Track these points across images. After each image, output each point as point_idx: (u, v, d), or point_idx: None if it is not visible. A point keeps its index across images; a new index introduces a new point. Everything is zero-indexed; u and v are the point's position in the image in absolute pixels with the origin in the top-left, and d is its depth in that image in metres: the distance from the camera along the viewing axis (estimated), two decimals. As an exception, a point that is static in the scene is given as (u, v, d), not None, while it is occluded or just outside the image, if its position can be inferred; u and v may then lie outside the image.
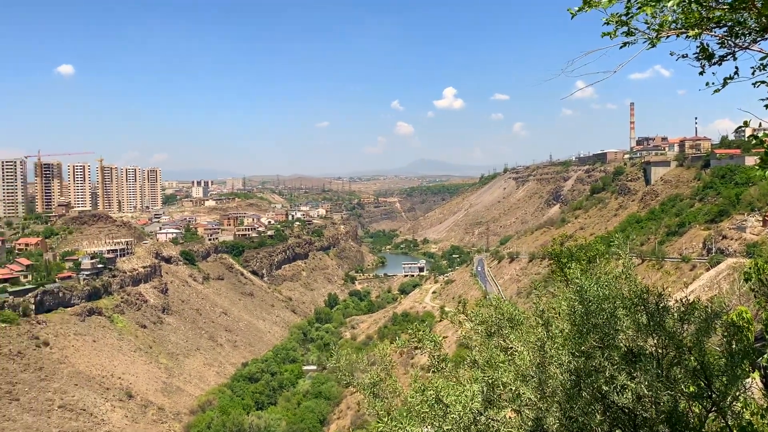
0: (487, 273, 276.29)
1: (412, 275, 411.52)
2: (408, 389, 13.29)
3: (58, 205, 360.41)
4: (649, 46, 9.79)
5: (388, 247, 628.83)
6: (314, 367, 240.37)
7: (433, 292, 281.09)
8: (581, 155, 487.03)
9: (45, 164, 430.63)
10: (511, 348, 13.51)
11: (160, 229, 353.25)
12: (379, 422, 12.07)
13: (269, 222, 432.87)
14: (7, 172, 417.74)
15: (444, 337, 14.88)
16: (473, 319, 14.59)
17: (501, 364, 12.77)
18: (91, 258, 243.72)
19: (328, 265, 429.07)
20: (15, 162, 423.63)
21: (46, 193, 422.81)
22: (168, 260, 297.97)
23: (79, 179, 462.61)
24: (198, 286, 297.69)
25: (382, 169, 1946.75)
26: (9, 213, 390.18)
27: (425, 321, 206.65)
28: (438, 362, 13.80)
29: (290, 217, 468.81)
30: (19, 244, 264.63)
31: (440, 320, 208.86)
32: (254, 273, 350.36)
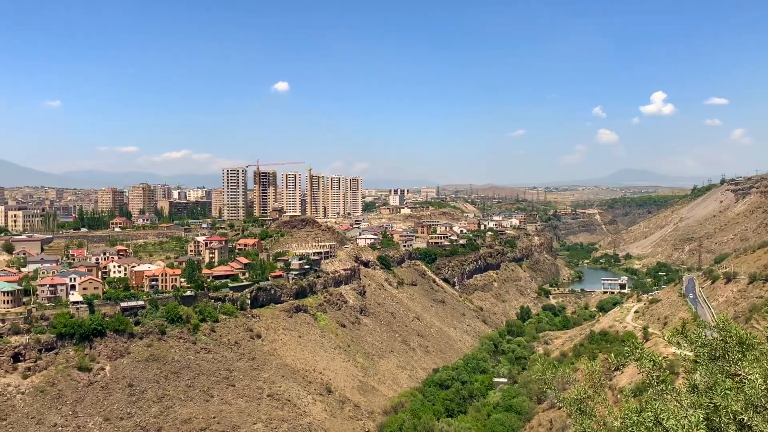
0: (698, 294, 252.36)
1: (612, 292, 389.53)
2: (617, 409, 12.52)
3: (273, 210, 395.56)
4: None
5: (586, 261, 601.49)
6: (505, 380, 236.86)
7: (636, 312, 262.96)
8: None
9: (263, 173, 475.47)
10: (740, 374, 12.13)
11: (360, 234, 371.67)
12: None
13: (461, 231, 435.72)
14: (231, 180, 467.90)
15: (664, 358, 13.72)
16: (695, 340, 13.32)
17: (727, 391, 11.52)
18: (299, 259, 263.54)
19: (521, 277, 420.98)
20: (238, 171, 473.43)
21: (262, 198, 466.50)
22: (366, 264, 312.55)
23: (290, 186, 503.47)
24: (393, 291, 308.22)
25: (581, 179, 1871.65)
26: (232, 216, 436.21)
27: (626, 341, 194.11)
28: (657, 383, 12.77)
29: (482, 227, 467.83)
30: (239, 245, 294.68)
31: (643, 342, 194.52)
32: (446, 281, 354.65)
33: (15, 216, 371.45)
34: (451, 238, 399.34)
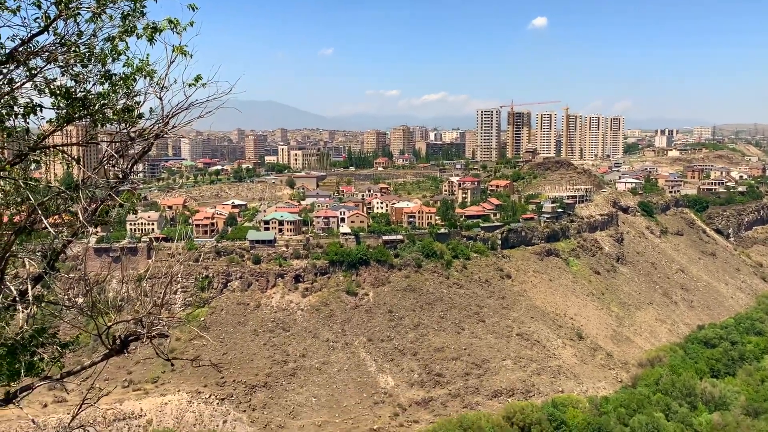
0: None
1: None
2: None
3: (526, 152, 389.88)
4: None
5: None
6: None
7: None
8: None
9: (516, 113, 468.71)
10: None
11: (620, 178, 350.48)
12: None
13: (741, 177, 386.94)
14: (484, 121, 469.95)
15: None
16: None
17: None
18: (552, 202, 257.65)
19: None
20: (492, 111, 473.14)
21: (515, 139, 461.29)
22: (625, 210, 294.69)
23: (545, 127, 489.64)
24: (654, 240, 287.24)
25: None
26: (484, 157, 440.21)
27: None
28: None
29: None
30: (491, 186, 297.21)
31: None
32: (718, 231, 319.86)
33: (296, 155, 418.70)
34: (728, 184, 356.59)
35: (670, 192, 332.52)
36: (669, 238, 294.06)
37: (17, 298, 8.48)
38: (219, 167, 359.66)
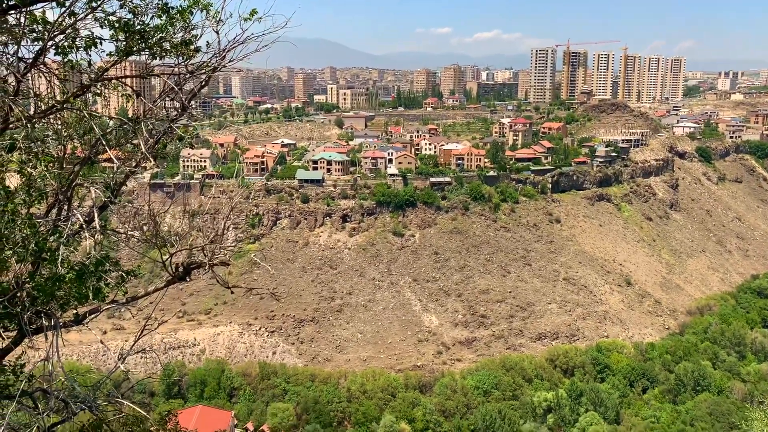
0: None
1: None
2: None
3: (581, 93, 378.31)
4: None
5: None
6: None
7: None
8: None
9: (573, 53, 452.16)
10: None
11: (678, 122, 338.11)
12: None
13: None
14: (539, 60, 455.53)
15: None
16: None
17: None
18: (606, 146, 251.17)
19: None
20: (546, 51, 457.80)
21: (570, 80, 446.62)
22: (682, 155, 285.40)
23: (602, 68, 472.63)
24: (711, 186, 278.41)
25: None
26: (537, 98, 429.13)
27: None
28: None
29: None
30: (543, 128, 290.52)
31: None
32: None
33: (344, 94, 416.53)
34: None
35: (731, 137, 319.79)
36: (726, 185, 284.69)
37: (83, 226, 8.83)
38: (269, 106, 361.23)
